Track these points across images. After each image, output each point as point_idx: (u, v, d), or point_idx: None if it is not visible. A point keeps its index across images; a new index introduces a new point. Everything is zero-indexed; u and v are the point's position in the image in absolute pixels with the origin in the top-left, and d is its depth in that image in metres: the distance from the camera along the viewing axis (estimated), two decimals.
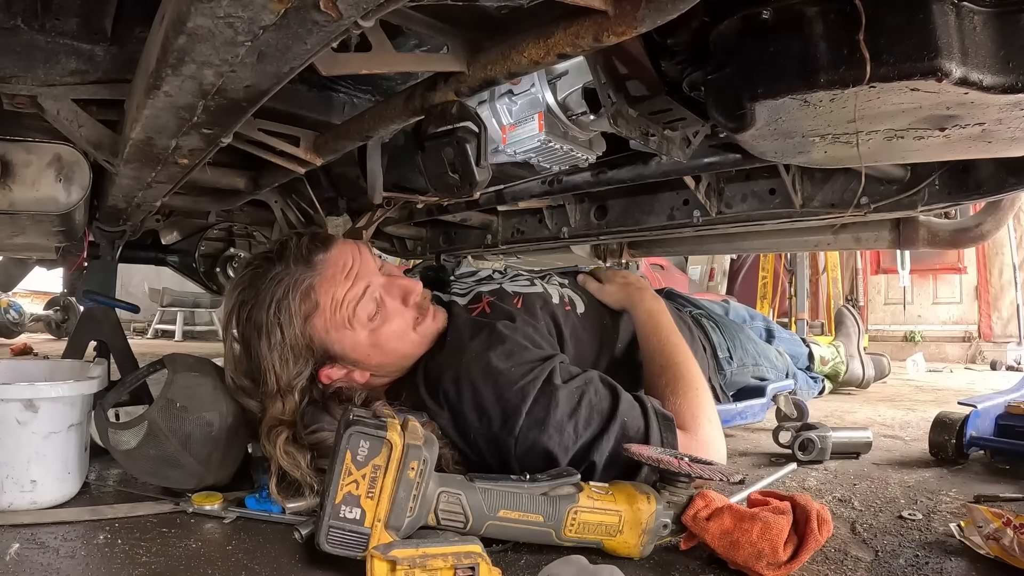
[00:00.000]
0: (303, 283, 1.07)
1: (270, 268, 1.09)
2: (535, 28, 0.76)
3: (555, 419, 1.01)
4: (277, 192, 1.99)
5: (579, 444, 1.02)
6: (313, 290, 1.07)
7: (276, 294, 1.06)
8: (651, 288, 1.46)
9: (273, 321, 1.06)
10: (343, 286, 1.09)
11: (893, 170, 1.36)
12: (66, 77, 0.99)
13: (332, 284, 1.09)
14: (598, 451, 1.01)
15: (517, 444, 1.02)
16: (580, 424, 1.02)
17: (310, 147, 1.22)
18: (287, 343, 1.06)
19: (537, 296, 1.31)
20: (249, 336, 1.08)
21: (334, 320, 1.08)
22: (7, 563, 0.84)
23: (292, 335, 1.06)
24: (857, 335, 2.74)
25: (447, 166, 0.99)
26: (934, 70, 0.66)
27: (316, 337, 1.08)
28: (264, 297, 1.07)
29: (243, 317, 1.09)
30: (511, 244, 2.30)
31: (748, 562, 0.81)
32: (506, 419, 1.03)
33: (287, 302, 1.06)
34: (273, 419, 1.04)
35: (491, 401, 1.04)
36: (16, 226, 1.43)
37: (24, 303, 6.82)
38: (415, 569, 0.73)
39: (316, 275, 1.08)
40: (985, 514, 0.88)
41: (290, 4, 0.49)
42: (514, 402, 1.03)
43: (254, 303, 1.08)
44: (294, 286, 1.07)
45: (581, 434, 1.02)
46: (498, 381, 1.05)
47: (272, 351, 1.05)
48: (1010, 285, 5.70)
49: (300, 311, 1.06)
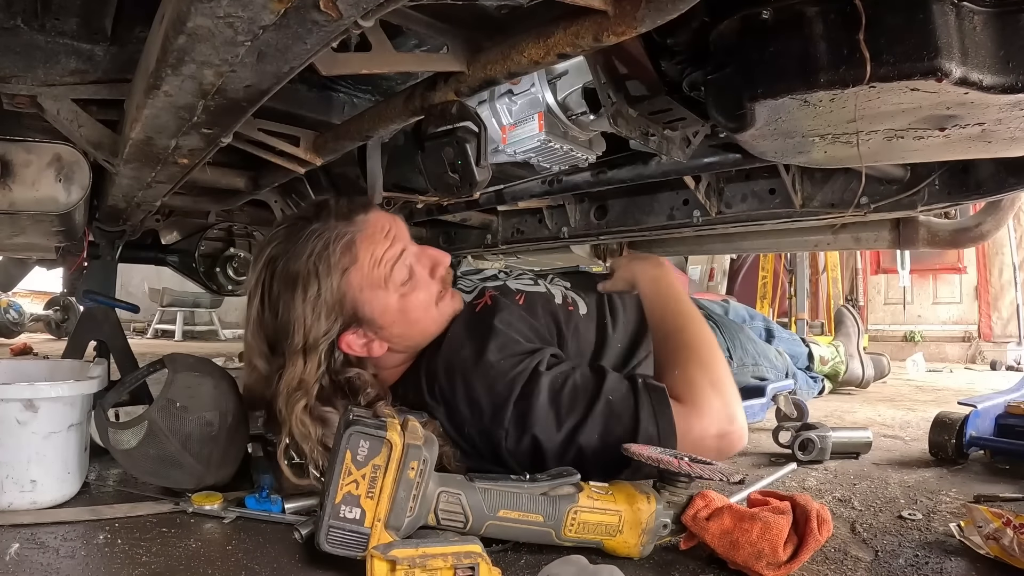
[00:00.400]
0: (344, 236, 1.07)
1: (307, 224, 1.08)
2: (535, 28, 0.76)
3: (539, 405, 1.02)
4: (277, 192, 1.99)
5: (564, 429, 1.01)
6: (354, 244, 1.07)
7: (315, 247, 1.05)
8: (663, 261, 1.39)
9: (311, 271, 1.05)
10: (383, 245, 1.09)
11: (893, 170, 1.36)
12: (66, 77, 0.99)
13: (372, 242, 1.08)
14: (583, 434, 1.00)
15: (507, 436, 1.03)
16: (563, 409, 1.02)
17: (310, 147, 1.23)
18: (322, 296, 1.05)
19: (539, 295, 1.32)
20: (281, 289, 1.06)
21: (370, 277, 1.08)
22: (7, 563, 0.83)
23: (328, 288, 1.05)
24: (857, 335, 2.74)
25: (447, 166, 0.99)
26: (934, 70, 0.66)
27: (350, 294, 1.07)
28: (303, 249, 1.06)
29: (277, 269, 1.07)
30: (511, 244, 2.30)
31: (748, 562, 0.81)
32: (496, 411, 1.04)
33: (327, 254, 1.05)
34: (293, 381, 1.03)
35: (482, 394, 1.05)
36: (16, 226, 1.43)
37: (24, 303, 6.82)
38: (415, 569, 0.73)
39: (358, 231, 1.08)
40: (985, 514, 0.88)
41: (290, 4, 0.49)
42: (503, 394, 1.04)
43: (291, 255, 1.06)
44: (335, 239, 1.06)
45: (565, 419, 1.01)
46: (488, 374, 1.06)
47: (306, 304, 1.04)
48: (1010, 285, 5.70)
49: (339, 264, 1.06)
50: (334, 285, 1.06)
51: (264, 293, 1.09)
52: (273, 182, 1.56)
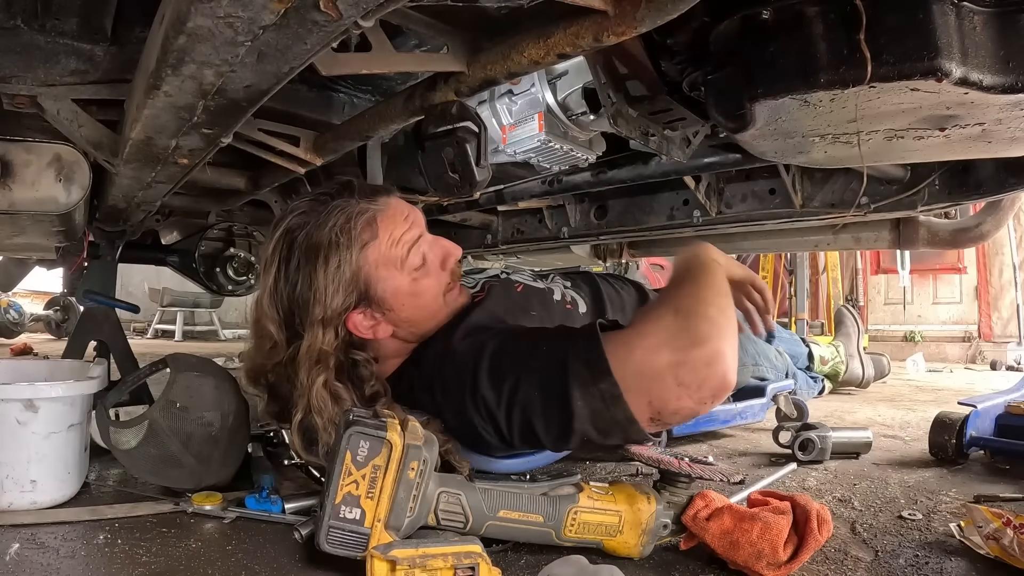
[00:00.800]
0: (366, 213, 1.08)
1: (330, 199, 1.08)
2: (535, 28, 0.76)
3: (483, 370, 0.99)
4: (277, 192, 1.99)
5: (505, 390, 0.97)
6: (375, 221, 1.08)
7: (338, 220, 1.06)
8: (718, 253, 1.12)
9: (334, 243, 1.05)
10: (402, 226, 1.10)
11: (893, 170, 1.36)
12: (66, 77, 0.99)
13: (392, 222, 1.09)
14: (521, 392, 0.94)
15: (476, 410, 1.00)
16: (505, 369, 0.98)
17: (310, 147, 1.23)
18: (341, 269, 1.05)
19: (537, 291, 1.32)
20: (302, 260, 1.06)
21: (387, 256, 1.08)
22: (7, 563, 0.83)
23: (348, 261, 1.05)
24: (857, 335, 2.74)
25: (447, 166, 0.99)
26: (934, 70, 0.66)
27: (365, 269, 1.07)
28: (326, 220, 1.06)
29: (297, 239, 1.07)
30: (511, 244, 2.30)
31: (748, 562, 0.81)
32: (461, 388, 1.02)
33: (349, 227, 1.06)
34: (315, 351, 1.02)
35: (451, 376, 1.05)
36: (16, 226, 1.43)
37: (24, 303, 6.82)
38: (415, 569, 0.73)
39: (379, 210, 1.09)
40: (985, 514, 0.88)
41: (290, 4, 0.49)
42: (465, 371, 1.02)
43: (314, 225, 1.06)
44: (357, 215, 1.06)
45: (505, 378, 0.97)
46: (456, 356, 1.06)
47: (327, 275, 1.04)
48: (1010, 285, 5.70)
49: (360, 238, 1.06)
50: (353, 258, 1.06)
51: (282, 262, 1.08)
52: (273, 182, 1.56)
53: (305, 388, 1.01)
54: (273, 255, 1.09)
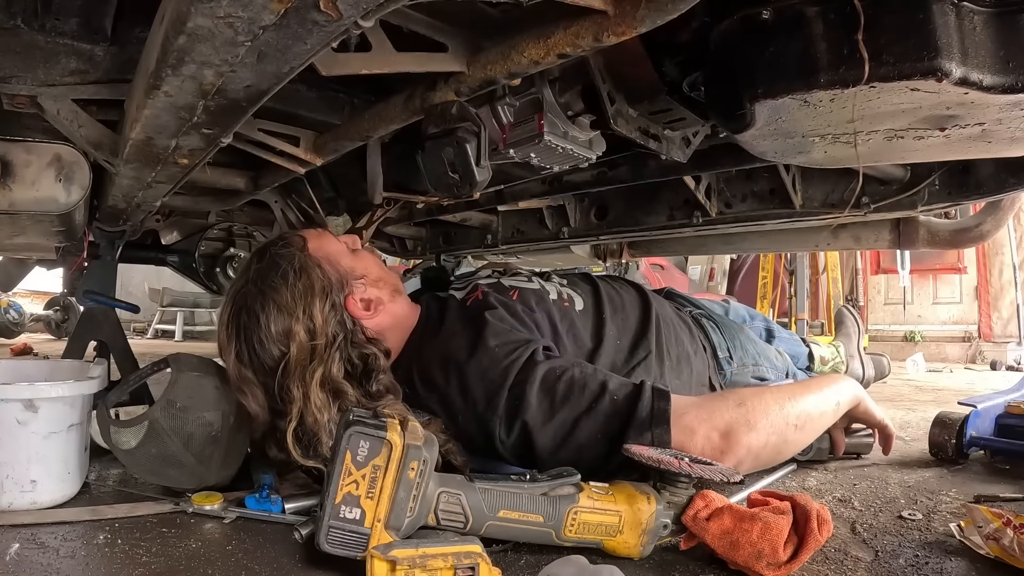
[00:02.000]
0: (285, 240, 1.16)
1: (255, 261, 1.15)
2: (535, 28, 0.76)
3: (532, 393, 1.02)
4: (277, 192, 1.99)
5: (557, 420, 1.02)
6: (295, 239, 1.16)
7: (268, 269, 1.11)
8: (864, 394, 1.26)
9: (278, 273, 1.09)
10: (331, 241, 1.22)
11: (893, 170, 1.36)
12: (66, 77, 0.99)
13: (308, 236, 1.19)
14: (582, 428, 1.01)
15: (501, 423, 1.04)
16: (558, 400, 1.03)
17: (310, 147, 1.23)
18: (300, 280, 1.09)
19: (533, 292, 1.32)
20: (258, 306, 1.08)
21: (323, 243, 1.18)
22: (7, 563, 0.83)
23: (298, 268, 1.10)
24: (857, 335, 2.74)
25: (447, 166, 0.99)
26: (934, 70, 0.66)
27: (317, 262, 1.13)
28: (260, 277, 1.10)
29: (246, 302, 1.09)
30: (511, 244, 2.30)
31: (748, 562, 0.81)
32: (490, 399, 1.04)
33: (279, 255, 1.12)
34: (304, 354, 1.04)
35: (475, 383, 1.06)
36: (16, 226, 1.43)
37: (24, 303, 6.82)
38: (415, 569, 0.73)
39: (291, 237, 1.18)
40: (985, 514, 0.88)
41: (290, 4, 0.49)
42: (497, 381, 1.05)
43: (252, 288, 1.10)
44: (279, 248, 1.13)
45: (558, 409, 1.02)
46: (482, 363, 1.07)
47: (289, 290, 1.08)
48: (1010, 285, 5.71)
49: (296, 252, 1.13)
50: (303, 262, 1.11)
51: (241, 327, 1.09)
52: (273, 182, 1.56)
53: (297, 394, 1.01)
54: (228, 337, 1.10)
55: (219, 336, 1.13)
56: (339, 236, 1.27)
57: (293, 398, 1.02)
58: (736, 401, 1.06)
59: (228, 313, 1.12)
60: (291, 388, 1.02)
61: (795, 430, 1.07)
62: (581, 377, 1.05)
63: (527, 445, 1.03)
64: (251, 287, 1.10)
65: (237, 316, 1.09)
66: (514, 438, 1.03)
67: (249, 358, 1.08)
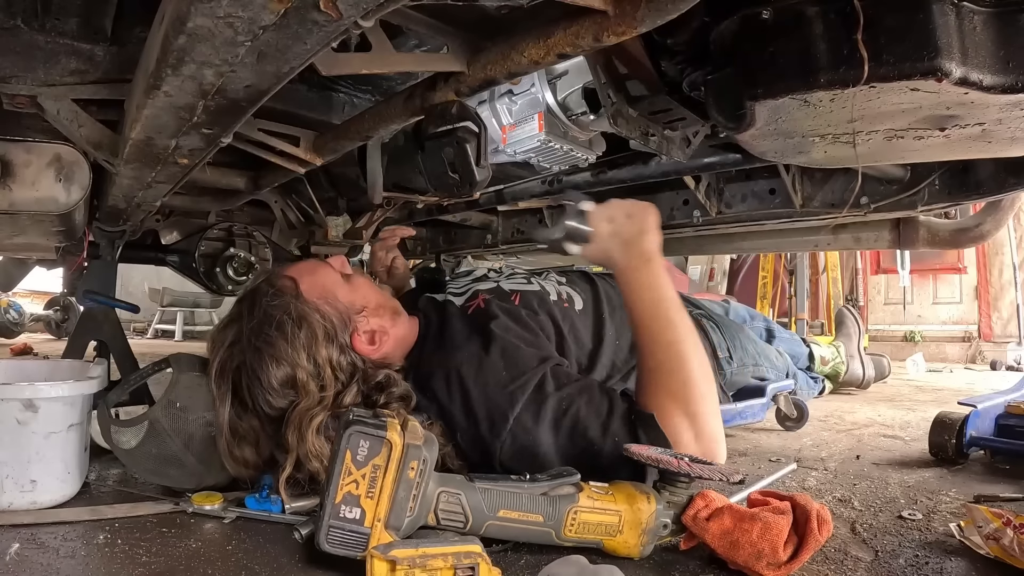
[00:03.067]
0: (290, 290, 1.09)
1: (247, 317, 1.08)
2: (535, 28, 0.76)
3: (542, 430, 1.01)
4: (277, 192, 2.00)
5: (560, 452, 1.02)
6: (283, 275, 1.11)
7: (270, 311, 1.05)
8: (648, 233, 1.13)
9: (275, 324, 1.04)
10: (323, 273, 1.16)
11: (893, 170, 1.36)
12: (66, 77, 0.99)
13: (295, 271, 1.14)
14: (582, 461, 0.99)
15: (502, 449, 1.03)
16: (562, 435, 1.02)
17: (310, 147, 1.23)
18: (302, 329, 1.04)
19: (534, 294, 1.31)
20: (255, 362, 1.03)
21: (317, 279, 1.12)
22: (7, 563, 0.83)
23: (297, 317, 1.05)
24: (857, 335, 2.74)
25: (447, 166, 0.99)
26: (934, 70, 0.66)
27: (323, 309, 1.08)
28: (259, 323, 1.05)
29: (240, 359, 1.05)
30: (511, 244, 2.30)
31: (748, 562, 0.81)
32: (493, 423, 1.03)
33: (271, 304, 1.06)
34: (312, 403, 1.01)
35: (479, 403, 1.05)
36: (16, 226, 1.43)
37: (24, 303, 6.81)
38: (415, 569, 0.73)
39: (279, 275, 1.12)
40: (985, 514, 0.88)
41: (290, 4, 0.49)
42: (503, 407, 1.03)
43: (252, 332, 1.05)
44: (284, 306, 1.06)
45: (563, 445, 1.02)
46: (488, 383, 1.05)
47: (294, 346, 1.03)
48: (1010, 285, 5.70)
49: (295, 306, 1.06)
50: (300, 311, 1.06)
51: (239, 386, 1.05)
52: (273, 182, 1.56)
53: (295, 443, 0.99)
54: (222, 393, 1.06)
55: (211, 391, 1.07)
56: (327, 258, 1.21)
57: (290, 446, 1.00)
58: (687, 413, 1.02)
59: (218, 372, 1.07)
60: (288, 437, 1.00)
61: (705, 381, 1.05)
62: (585, 417, 1.02)
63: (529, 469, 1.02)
64: (246, 344, 1.04)
65: (235, 374, 1.05)
66: (515, 464, 1.02)
67: (252, 411, 1.05)
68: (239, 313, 1.09)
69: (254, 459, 1.08)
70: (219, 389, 1.06)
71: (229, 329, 1.09)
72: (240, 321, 1.08)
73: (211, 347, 1.10)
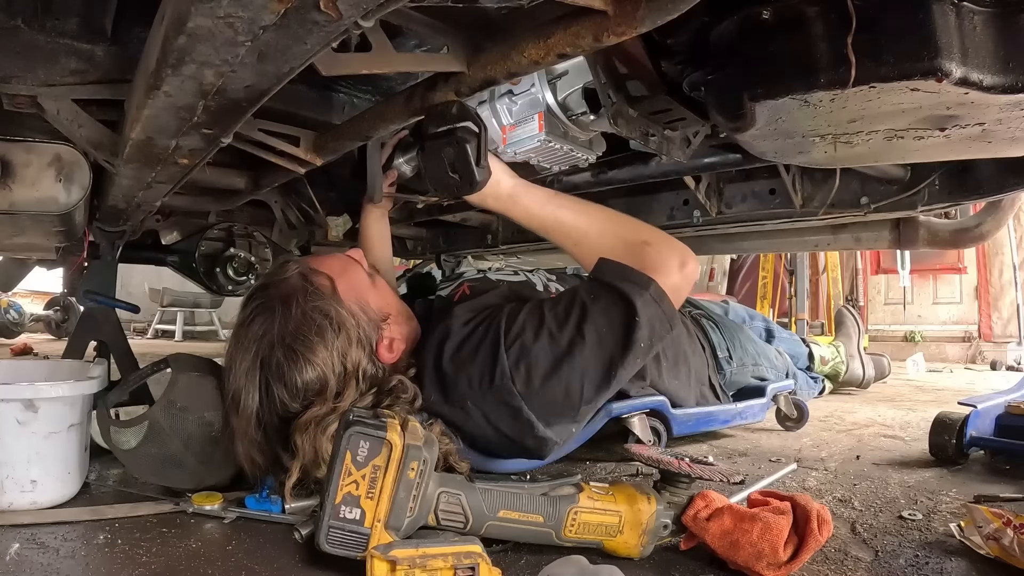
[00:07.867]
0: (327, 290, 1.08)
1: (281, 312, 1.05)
2: (535, 28, 0.76)
3: (537, 344, 1.04)
4: (277, 192, 1.99)
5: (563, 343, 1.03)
6: (336, 287, 1.09)
7: (310, 312, 1.04)
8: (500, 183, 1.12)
9: (322, 326, 1.03)
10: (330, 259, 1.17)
11: (893, 170, 1.36)
12: (66, 77, 0.99)
13: (320, 264, 1.14)
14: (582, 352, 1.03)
15: (515, 378, 1.03)
16: (554, 329, 1.05)
17: (310, 147, 1.23)
18: (341, 332, 1.04)
19: (521, 284, 1.33)
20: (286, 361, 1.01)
21: (353, 281, 1.13)
22: (7, 563, 0.83)
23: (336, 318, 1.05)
24: (857, 335, 2.74)
25: (447, 166, 0.99)
26: (934, 70, 0.66)
27: (357, 315, 1.08)
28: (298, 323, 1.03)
29: (283, 340, 1.02)
30: (511, 244, 2.30)
31: (748, 562, 0.81)
32: (492, 366, 1.05)
33: (323, 308, 1.04)
34: (322, 411, 0.99)
35: (469, 362, 1.07)
36: (16, 226, 1.43)
37: (24, 303, 6.81)
38: (415, 569, 0.73)
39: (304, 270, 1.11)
40: (985, 514, 0.88)
41: (290, 4, 0.49)
42: (492, 346, 1.06)
43: (283, 326, 1.03)
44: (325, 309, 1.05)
45: (559, 336, 1.04)
46: (470, 340, 1.09)
47: (330, 350, 1.02)
48: (1010, 285, 5.70)
49: (335, 310, 1.05)
50: (339, 315, 1.05)
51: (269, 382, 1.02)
52: (273, 182, 1.56)
53: (305, 448, 0.97)
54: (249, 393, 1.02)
55: (234, 385, 1.04)
56: (348, 252, 1.20)
57: (300, 451, 0.97)
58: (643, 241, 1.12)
59: (250, 364, 1.03)
60: (298, 441, 0.98)
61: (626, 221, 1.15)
62: (567, 303, 1.07)
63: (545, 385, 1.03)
64: (278, 341, 1.02)
65: (263, 368, 1.02)
66: (542, 391, 1.04)
67: (272, 411, 1.02)
68: (270, 307, 1.04)
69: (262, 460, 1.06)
70: (248, 378, 1.02)
71: (257, 321, 1.05)
72: (272, 316, 1.04)
73: (236, 339, 1.07)
